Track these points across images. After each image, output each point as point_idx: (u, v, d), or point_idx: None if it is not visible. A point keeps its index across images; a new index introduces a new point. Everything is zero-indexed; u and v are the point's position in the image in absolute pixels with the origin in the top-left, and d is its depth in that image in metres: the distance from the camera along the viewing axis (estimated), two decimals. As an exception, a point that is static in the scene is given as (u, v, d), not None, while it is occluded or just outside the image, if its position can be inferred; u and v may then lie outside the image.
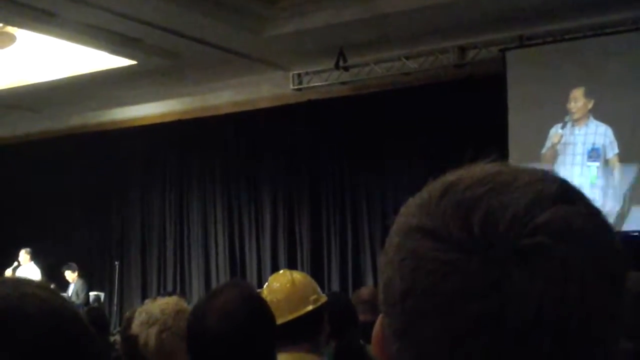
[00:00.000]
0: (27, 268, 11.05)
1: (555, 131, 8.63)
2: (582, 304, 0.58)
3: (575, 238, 0.59)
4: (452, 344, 0.58)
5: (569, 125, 8.61)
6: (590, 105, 8.50)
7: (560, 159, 8.62)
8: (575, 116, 8.56)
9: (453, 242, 0.59)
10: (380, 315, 0.67)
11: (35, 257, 11.34)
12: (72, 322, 1.00)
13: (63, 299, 1.04)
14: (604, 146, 8.41)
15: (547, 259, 0.58)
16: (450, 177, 0.65)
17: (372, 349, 0.68)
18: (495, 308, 0.57)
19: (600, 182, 8.39)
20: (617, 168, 8.36)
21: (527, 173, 0.63)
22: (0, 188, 13.19)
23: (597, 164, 8.41)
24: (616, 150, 8.34)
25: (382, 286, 0.64)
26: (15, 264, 11.13)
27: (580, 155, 8.52)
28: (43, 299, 0.99)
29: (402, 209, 0.66)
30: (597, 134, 8.46)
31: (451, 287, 0.58)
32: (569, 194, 0.62)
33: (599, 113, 8.45)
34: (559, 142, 8.60)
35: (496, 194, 0.60)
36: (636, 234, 7.76)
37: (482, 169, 0.64)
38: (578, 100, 8.51)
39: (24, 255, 11.25)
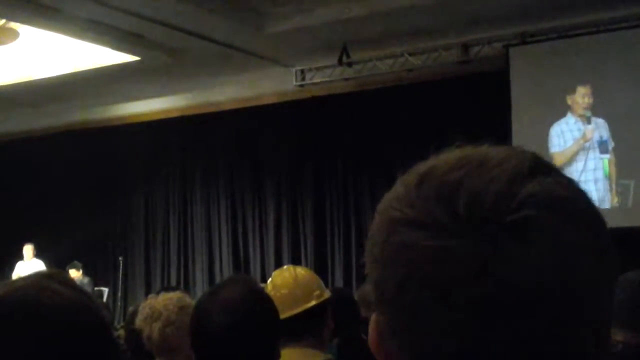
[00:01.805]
0: (30, 264, 11.04)
1: (578, 128, 8.62)
2: (577, 271, 0.58)
3: (559, 207, 0.59)
4: (456, 331, 0.57)
5: (581, 120, 8.62)
6: (591, 101, 8.54)
7: (578, 155, 8.65)
8: (587, 112, 8.56)
9: (440, 228, 0.58)
10: (374, 315, 0.66)
11: (39, 253, 11.34)
12: (87, 317, 1.02)
13: (82, 294, 1.06)
14: (607, 140, 8.46)
15: (538, 230, 0.57)
16: (421, 167, 0.65)
17: (370, 348, 0.67)
18: (493, 285, 0.56)
19: (612, 174, 8.44)
20: (613, 163, 8.40)
21: (495, 152, 0.63)
22: (2, 184, 13.20)
23: (608, 156, 8.45)
24: (612, 144, 8.41)
25: (374, 285, 0.63)
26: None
27: (592, 150, 8.55)
28: (60, 293, 1.01)
29: (379, 207, 0.65)
30: (600, 127, 8.50)
31: (447, 273, 0.57)
32: (543, 166, 0.62)
33: (597, 109, 8.48)
34: (590, 137, 8.57)
35: (474, 175, 0.60)
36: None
37: (451, 155, 0.64)
38: (587, 96, 8.53)
39: (27, 251, 11.24)
